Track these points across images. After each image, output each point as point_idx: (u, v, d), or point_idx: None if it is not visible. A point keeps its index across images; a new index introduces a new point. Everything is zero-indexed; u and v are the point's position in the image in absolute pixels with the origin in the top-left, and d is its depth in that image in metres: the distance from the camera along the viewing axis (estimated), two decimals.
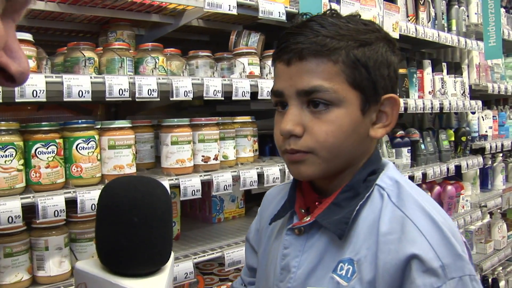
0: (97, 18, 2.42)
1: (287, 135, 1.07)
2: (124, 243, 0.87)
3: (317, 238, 1.11)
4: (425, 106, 3.38)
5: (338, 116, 1.05)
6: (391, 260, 0.98)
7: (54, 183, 1.83)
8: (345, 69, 1.05)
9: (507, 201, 4.62)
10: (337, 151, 1.07)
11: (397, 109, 1.13)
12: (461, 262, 0.97)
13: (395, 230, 1.01)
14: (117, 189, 0.93)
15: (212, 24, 2.71)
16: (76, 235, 1.96)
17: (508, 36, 4.53)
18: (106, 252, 0.90)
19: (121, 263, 0.89)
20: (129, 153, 2.00)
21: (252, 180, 2.26)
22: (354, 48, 1.05)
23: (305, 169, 1.08)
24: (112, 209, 0.91)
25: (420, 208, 1.04)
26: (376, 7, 2.85)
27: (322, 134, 1.05)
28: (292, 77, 1.07)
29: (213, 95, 2.10)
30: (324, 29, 1.06)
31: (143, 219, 0.89)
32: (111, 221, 0.90)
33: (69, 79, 1.75)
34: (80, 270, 0.90)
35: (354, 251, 1.04)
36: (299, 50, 1.05)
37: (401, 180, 1.11)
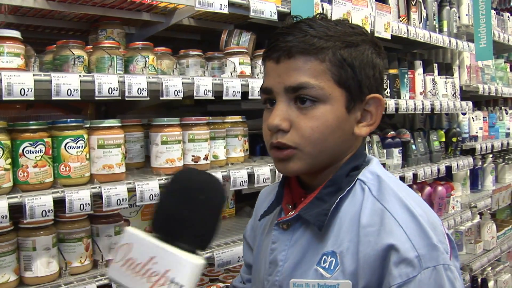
0: (87, 16, 2.40)
1: (274, 130, 1.10)
2: (185, 213, 0.93)
3: (301, 232, 1.15)
4: (416, 106, 3.38)
5: (323, 112, 1.09)
6: (370, 252, 1.02)
7: (42, 183, 1.81)
8: (331, 67, 1.10)
9: (496, 201, 4.64)
10: (322, 147, 1.11)
11: (381, 109, 1.18)
12: (435, 252, 1.00)
13: (375, 223, 1.05)
14: (192, 172, 1.03)
15: (204, 23, 2.69)
16: (65, 235, 1.94)
17: (498, 37, 4.55)
18: (165, 218, 0.95)
19: (173, 231, 0.92)
20: (119, 152, 1.98)
21: (243, 180, 2.25)
22: (341, 48, 1.11)
23: (291, 165, 1.11)
24: (184, 184, 0.98)
25: (399, 200, 1.08)
26: (368, 7, 2.84)
27: (307, 130, 1.09)
28: (281, 74, 1.11)
29: (204, 94, 2.09)
30: (313, 30, 1.10)
31: (207, 200, 0.96)
32: (181, 193, 0.96)
33: (57, 78, 1.73)
34: (130, 232, 0.94)
35: (337, 244, 1.08)
36: (288, 48, 1.09)
37: (382, 175, 1.15)
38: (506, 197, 4.88)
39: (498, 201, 4.69)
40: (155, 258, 0.88)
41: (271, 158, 2.72)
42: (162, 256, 0.88)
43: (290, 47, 1.09)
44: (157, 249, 0.89)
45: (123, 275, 0.89)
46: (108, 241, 2.03)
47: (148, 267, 0.87)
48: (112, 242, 2.04)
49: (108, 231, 2.04)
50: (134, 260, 0.89)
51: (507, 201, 4.91)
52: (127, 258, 0.90)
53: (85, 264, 1.96)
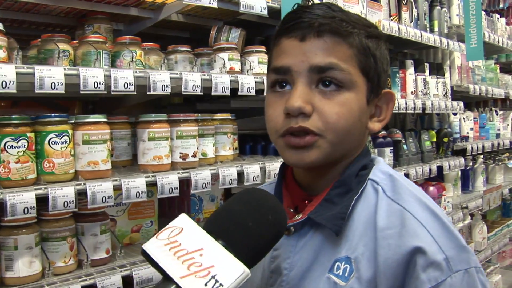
0: (74, 11, 2.35)
1: (295, 113, 0.99)
2: (249, 224, 0.86)
3: (310, 237, 1.07)
4: (407, 106, 3.36)
5: (348, 99, 1.02)
6: (392, 256, 0.95)
7: (25, 179, 1.75)
8: (358, 54, 1.03)
9: (487, 202, 4.64)
10: (344, 136, 1.03)
11: (392, 105, 1.13)
12: (465, 254, 0.95)
13: (394, 224, 0.98)
14: (267, 193, 0.94)
15: (193, 19, 2.65)
16: (48, 234, 1.88)
17: (489, 38, 4.56)
18: (227, 220, 0.88)
19: (230, 235, 0.85)
20: (104, 148, 1.93)
21: (232, 179, 2.21)
22: (365, 37, 1.05)
23: (310, 154, 1.02)
24: (258, 199, 0.91)
25: (418, 200, 1.01)
26: (359, 4, 2.82)
27: (333, 115, 1.00)
28: (306, 52, 1.01)
29: (192, 90, 2.04)
30: (338, 12, 1.05)
31: (273, 221, 0.89)
32: (252, 205, 0.89)
33: (41, 70, 1.67)
34: (185, 218, 0.88)
35: (351, 248, 1.00)
36: (317, 26, 1.01)
37: (394, 174, 1.09)
38: (497, 198, 4.88)
39: (489, 202, 4.69)
40: (203, 250, 0.82)
41: (261, 157, 2.72)
42: (211, 251, 0.83)
43: (320, 25, 1.01)
44: (209, 243, 0.83)
45: (162, 253, 0.83)
46: (94, 240, 1.98)
47: (192, 255, 0.82)
48: (98, 241, 1.98)
49: (94, 230, 1.98)
50: (180, 244, 0.83)
51: (497, 202, 4.92)
52: (173, 240, 0.84)
53: (69, 264, 1.90)
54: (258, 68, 2.41)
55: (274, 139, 1.07)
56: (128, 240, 2.34)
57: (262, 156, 2.65)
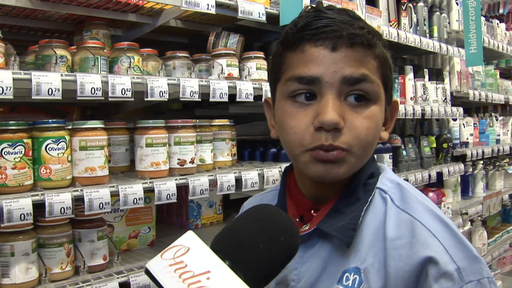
0: (73, 16, 2.36)
1: (330, 127, 0.95)
2: (260, 245, 0.83)
3: (318, 247, 1.04)
4: (407, 112, 3.36)
5: (375, 112, 1.00)
6: (404, 266, 0.93)
7: (21, 185, 1.75)
8: (381, 65, 1.02)
9: (487, 208, 4.63)
10: (369, 150, 1.02)
11: (396, 114, 1.13)
12: (478, 264, 0.94)
13: (405, 234, 0.96)
14: (280, 212, 0.90)
15: (191, 25, 2.65)
16: (45, 240, 1.87)
17: (488, 44, 4.56)
18: (236, 240, 0.84)
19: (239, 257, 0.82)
20: (101, 154, 1.92)
21: (230, 185, 2.20)
22: (382, 46, 1.03)
23: (337, 169, 0.98)
24: (270, 218, 0.87)
25: (427, 209, 1.00)
26: (358, 10, 2.82)
27: (363, 130, 0.97)
28: (338, 63, 0.97)
29: (190, 96, 2.04)
30: (361, 21, 1.02)
31: (285, 243, 0.85)
32: (263, 225, 0.86)
33: (38, 76, 1.67)
34: (192, 236, 0.84)
35: (360, 259, 0.98)
36: (350, 36, 0.97)
37: (402, 182, 1.07)
38: (497, 203, 4.87)
39: (489, 208, 4.68)
40: (211, 273, 0.78)
41: (260, 163, 2.71)
42: (219, 274, 0.79)
43: (353, 36, 0.97)
44: (216, 265, 0.79)
45: (166, 275, 0.79)
46: (91, 247, 1.97)
47: (199, 278, 0.78)
48: (95, 248, 1.98)
49: (91, 236, 1.97)
50: (186, 266, 0.80)
51: (497, 208, 4.90)
52: (179, 261, 0.80)
53: (66, 271, 1.89)
54: (257, 74, 2.41)
55: (298, 152, 1.01)
56: (126, 246, 2.33)
57: (260, 162, 2.65)
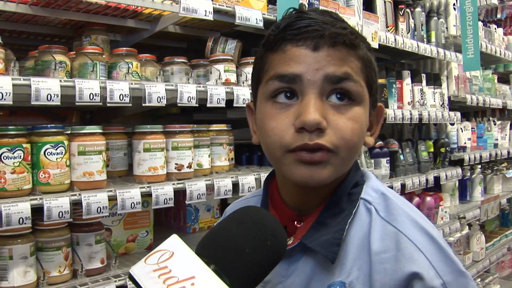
0: (72, 22, 2.38)
1: (312, 128, 0.92)
2: (246, 250, 0.80)
3: (302, 262, 1.01)
4: (404, 116, 3.37)
5: (359, 114, 0.97)
6: (389, 281, 0.91)
7: (20, 189, 1.77)
8: (364, 67, 1.00)
9: (485, 212, 4.64)
10: (354, 153, 0.99)
11: (382, 120, 1.10)
12: (464, 279, 0.92)
13: (389, 248, 0.94)
14: (268, 214, 0.88)
15: (189, 30, 2.68)
16: (43, 244, 1.89)
17: (486, 49, 4.58)
18: (222, 245, 0.82)
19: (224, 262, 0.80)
20: (100, 159, 1.94)
21: (227, 189, 2.22)
22: (366, 49, 1.02)
23: (322, 172, 0.94)
24: (258, 221, 0.84)
25: (412, 221, 0.97)
26: (355, 16, 2.84)
27: (348, 131, 0.94)
28: (320, 61, 0.94)
29: (187, 101, 2.06)
30: (344, 23, 1.00)
31: (271, 247, 0.83)
32: (251, 229, 0.83)
33: (37, 82, 1.70)
34: (176, 240, 0.82)
35: (345, 273, 0.96)
36: (330, 35, 0.95)
37: (387, 192, 1.04)
38: (495, 208, 4.88)
39: (487, 212, 4.69)
40: (195, 279, 0.76)
41: (257, 167, 2.73)
42: (204, 280, 0.77)
43: (335, 35, 0.94)
44: (201, 271, 0.77)
45: (150, 280, 0.77)
46: (89, 250, 1.99)
47: (183, 284, 0.76)
48: (93, 251, 1.99)
49: (89, 240, 1.99)
50: (170, 271, 0.78)
51: (495, 212, 4.91)
52: (163, 266, 0.78)
53: (64, 274, 1.91)
54: None
55: (279, 154, 0.97)
56: (124, 249, 2.35)
57: (258, 167, 2.67)
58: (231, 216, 0.86)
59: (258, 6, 2.37)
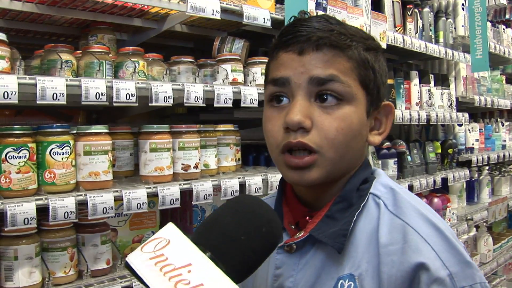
0: (78, 21, 2.37)
1: (295, 127, 0.97)
2: (242, 237, 0.82)
3: (312, 255, 1.04)
4: (412, 117, 3.35)
5: (348, 113, 1.00)
6: (396, 273, 0.93)
7: (26, 189, 1.76)
8: (357, 66, 1.02)
9: (493, 214, 4.60)
10: (343, 152, 1.01)
11: (392, 118, 1.12)
12: (470, 269, 0.94)
13: (397, 240, 0.96)
14: (263, 203, 0.89)
15: (196, 30, 2.66)
16: (48, 244, 1.88)
17: (494, 49, 4.54)
18: (218, 232, 0.83)
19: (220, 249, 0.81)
20: (105, 159, 1.93)
21: (234, 190, 2.20)
22: (364, 49, 1.04)
23: (311, 174, 1.00)
24: (253, 210, 0.86)
25: (420, 214, 1.00)
26: (363, 16, 2.82)
27: (332, 130, 0.98)
28: (305, 64, 1.00)
29: (194, 101, 2.04)
30: (336, 25, 1.03)
31: (267, 234, 0.85)
32: (246, 217, 0.85)
33: (43, 81, 1.68)
34: (172, 228, 0.82)
35: (354, 266, 0.98)
36: (315, 39, 0.99)
37: (395, 187, 1.07)
38: (503, 209, 4.84)
39: (495, 214, 4.65)
40: (192, 266, 0.77)
41: (264, 168, 2.71)
42: (200, 267, 0.77)
43: (318, 38, 0.99)
44: (198, 259, 0.78)
45: (147, 268, 0.78)
46: (94, 251, 1.97)
47: (180, 272, 0.76)
48: (98, 252, 1.98)
49: (94, 241, 1.98)
50: (167, 258, 0.78)
51: (503, 214, 4.88)
52: (160, 254, 0.79)
53: (69, 275, 1.90)
54: (262, 79, 2.41)
55: (275, 155, 1.04)
56: (130, 250, 2.33)
57: (265, 167, 2.64)
58: (226, 205, 0.88)
59: (265, 5, 2.35)
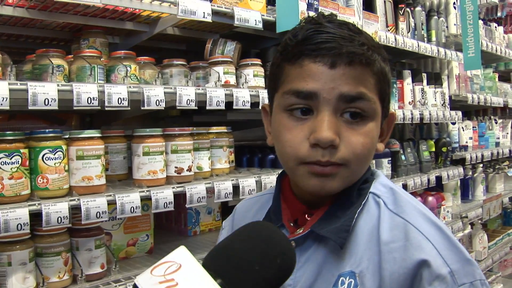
0: (70, 25, 2.37)
1: (326, 145, 0.97)
2: (256, 267, 0.81)
3: (313, 251, 1.05)
4: (405, 116, 3.36)
5: (372, 128, 1.01)
6: (398, 269, 0.95)
7: (18, 195, 1.75)
8: (378, 81, 1.02)
9: (487, 211, 4.62)
10: (365, 164, 1.04)
11: (393, 125, 1.14)
12: (470, 267, 0.95)
13: (398, 238, 0.98)
14: (278, 231, 0.90)
15: (188, 32, 2.66)
16: (42, 249, 1.88)
17: (486, 47, 4.56)
18: (232, 261, 0.83)
19: (233, 278, 0.80)
20: (98, 164, 1.93)
21: (227, 192, 2.20)
22: (382, 61, 1.03)
23: (332, 183, 1.00)
24: (268, 239, 0.86)
25: (420, 213, 1.02)
26: (355, 16, 2.82)
27: (359, 146, 0.99)
28: (336, 80, 0.98)
29: (186, 104, 2.04)
30: (362, 36, 1.01)
31: (280, 265, 0.84)
32: (261, 247, 0.85)
33: (34, 87, 1.68)
34: (184, 253, 0.81)
35: (355, 263, 1.00)
36: (347, 53, 0.97)
37: (395, 187, 1.09)
38: (497, 206, 4.86)
39: (489, 211, 4.67)
40: None
41: (257, 169, 2.71)
42: None
43: (351, 53, 0.97)
44: (209, 286, 0.77)
45: None
46: (88, 255, 1.97)
47: None
48: (92, 256, 1.98)
49: (88, 245, 1.98)
50: (176, 284, 0.77)
51: (498, 211, 4.90)
52: (170, 278, 0.77)
53: (63, 279, 1.90)
54: (254, 81, 2.41)
55: (293, 165, 1.02)
56: (124, 254, 2.33)
57: (258, 169, 2.65)
58: (242, 231, 0.89)
59: (257, 7, 2.36)
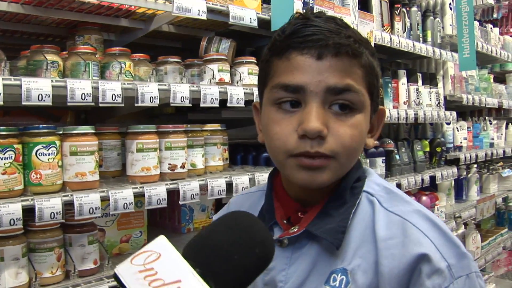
0: (65, 21, 2.37)
1: (314, 135, 0.97)
2: (235, 257, 0.81)
3: (306, 249, 1.06)
4: (400, 116, 3.37)
5: (360, 121, 1.02)
6: (398, 265, 0.96)
7: (11, 190, 1.76)
8: (366, 74, 1.03)
9: (481, 212, 4.64)
10: (353, 157, 1.05)
11: (383, 121, 1.15)
12: (466, 260, 0.97)
13: (396, 235, 0.99)
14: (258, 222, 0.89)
15: (184, 30, 2.67)
16: (35, 245, 1.88)
17: (482, 48, 4.58)
18: (211, 249, 0.82)
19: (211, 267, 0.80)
20: (92, 160, 1.93)
21: (221, 189, 2.21)
22: (369, 55, 1.04)
23: (322, 176, 1.01)
24: (248, 229, 0.86)
25: (416, 210, 1.03)
26: (350, 15, 2.83)
27: (347, 138, 0.99)
28: (323, 72, 0.98)
29: (181, 101, 2.05)
30: (349, 30, 1.02)
31: (259, 255, 0.84)
32: (240, 236, 0.84)
33: (28, 82, 1.68)
34: (163, 242, 0.80)
35: (347, 260, 1.01)
36: (334, 45, 0.97)
37: (388, 185, 1.10)
38: (491, 207, 4.88)
39: (483, 211, 4.69)
40: (181, 283, 0.76)
41: (251, 167, 2.72)
42: (190, 284, 0.76)
43: (338, 45, 0.97)
44: (188, 276, 0.77)
45: (135, 281, 0.77)
46: (81, 251, 1.98)
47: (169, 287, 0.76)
48: (85, 252, 1.98)
49: (81, 241, 1.98)
50: (156, 273, 0.77)
51: (491, 211, 4.92)
52: (149, 267, 0.78)
53: (56, 275, 1.90)
54: (248, 79, 2.42)
55: (282, 158, 1.03)
56: (118, 250, 2.34)
57: (252, 166, 2.66)
58: (220, 221, 0.88)
59: (252, 5, 2.36)
